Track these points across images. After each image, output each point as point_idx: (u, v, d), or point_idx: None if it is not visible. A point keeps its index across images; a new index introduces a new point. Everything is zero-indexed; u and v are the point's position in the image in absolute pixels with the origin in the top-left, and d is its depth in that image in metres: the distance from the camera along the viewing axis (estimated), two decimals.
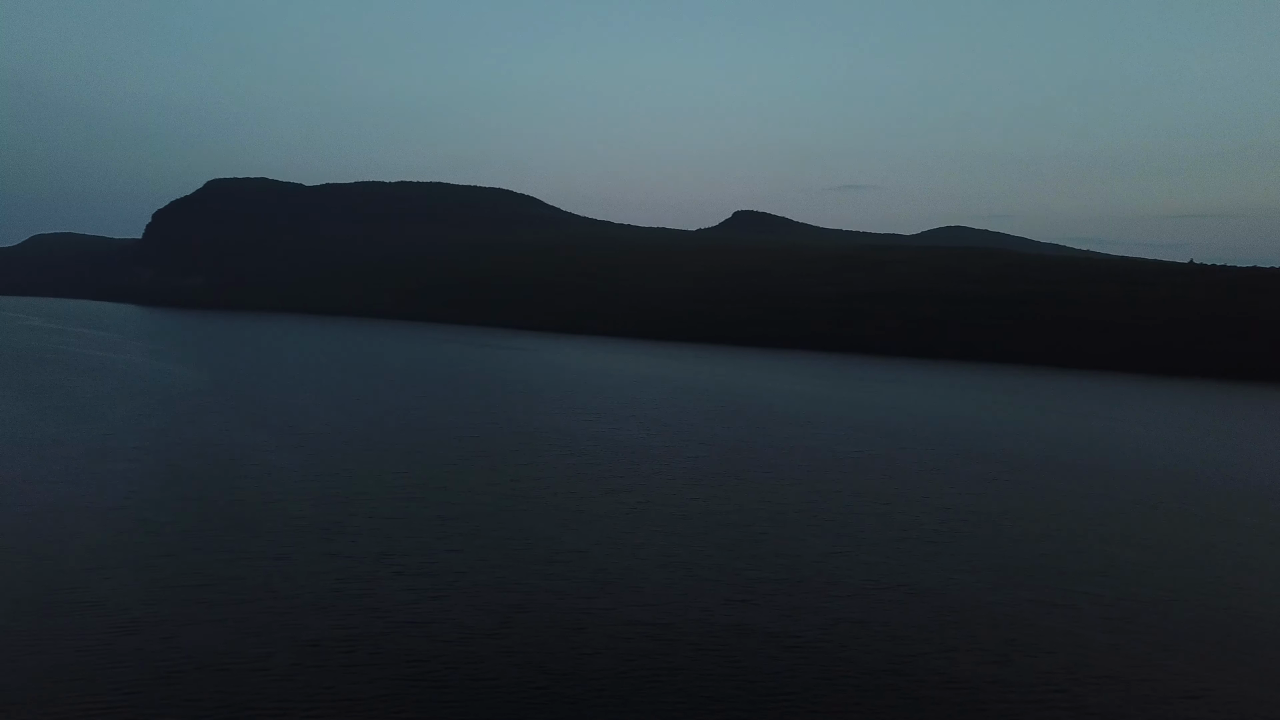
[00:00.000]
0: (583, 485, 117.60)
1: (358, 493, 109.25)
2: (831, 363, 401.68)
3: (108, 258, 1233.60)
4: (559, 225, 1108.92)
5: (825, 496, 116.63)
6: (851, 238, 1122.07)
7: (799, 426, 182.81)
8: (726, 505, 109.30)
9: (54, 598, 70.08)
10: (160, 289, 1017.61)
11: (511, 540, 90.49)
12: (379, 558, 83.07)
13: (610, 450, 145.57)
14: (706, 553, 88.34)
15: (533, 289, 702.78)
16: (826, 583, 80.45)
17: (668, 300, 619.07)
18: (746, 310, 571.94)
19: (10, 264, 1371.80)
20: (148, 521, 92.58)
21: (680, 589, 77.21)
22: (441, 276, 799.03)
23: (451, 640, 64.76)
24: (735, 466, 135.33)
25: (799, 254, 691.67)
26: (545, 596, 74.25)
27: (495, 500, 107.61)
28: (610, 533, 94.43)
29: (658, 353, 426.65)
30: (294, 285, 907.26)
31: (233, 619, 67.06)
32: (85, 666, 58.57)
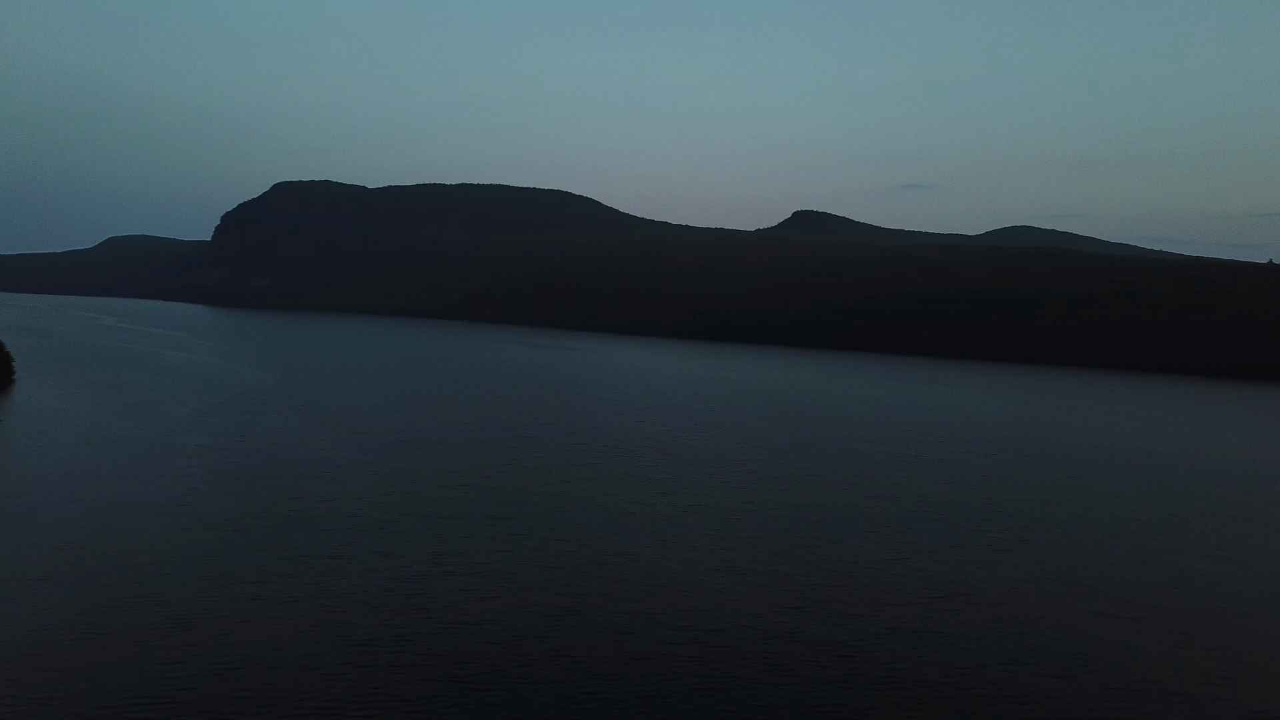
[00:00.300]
0: (634, 487, 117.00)
1: (412, 492, 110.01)
2: (891, 364, 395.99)
3: (178, 259, 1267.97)
4: (617, 226, 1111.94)
5: (882, 501, 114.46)
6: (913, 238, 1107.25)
7: (856, 429, 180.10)
8: (780, 509, 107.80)
9: (114, 592, 71.37)
10: (228, 289, 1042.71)
11: (562, 541, 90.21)
12: (431, 557, 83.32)
13: (663, 451, 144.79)
14: (759, 557, 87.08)
15: (591, 290, 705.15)
16: (881, 590, 78.69)
17: (725, 301, 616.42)
18: (805, 311, 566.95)
19: (87, 266, 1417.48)
20: (207, 518, 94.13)
21: (731, 594, 76.10)
22: (500, 278, 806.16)
23: (500, 642, 64.53)
24: (789, 469, 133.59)
25: (859, 254, 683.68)
26: (594, 599, 73.74)
27: (547, 501, 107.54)
28: (661, 535, 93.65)
29: (714, 353, 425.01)
30: (356, 286, 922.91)
31: (285, 617, 67.64)
32: (141, 661, 59.43)
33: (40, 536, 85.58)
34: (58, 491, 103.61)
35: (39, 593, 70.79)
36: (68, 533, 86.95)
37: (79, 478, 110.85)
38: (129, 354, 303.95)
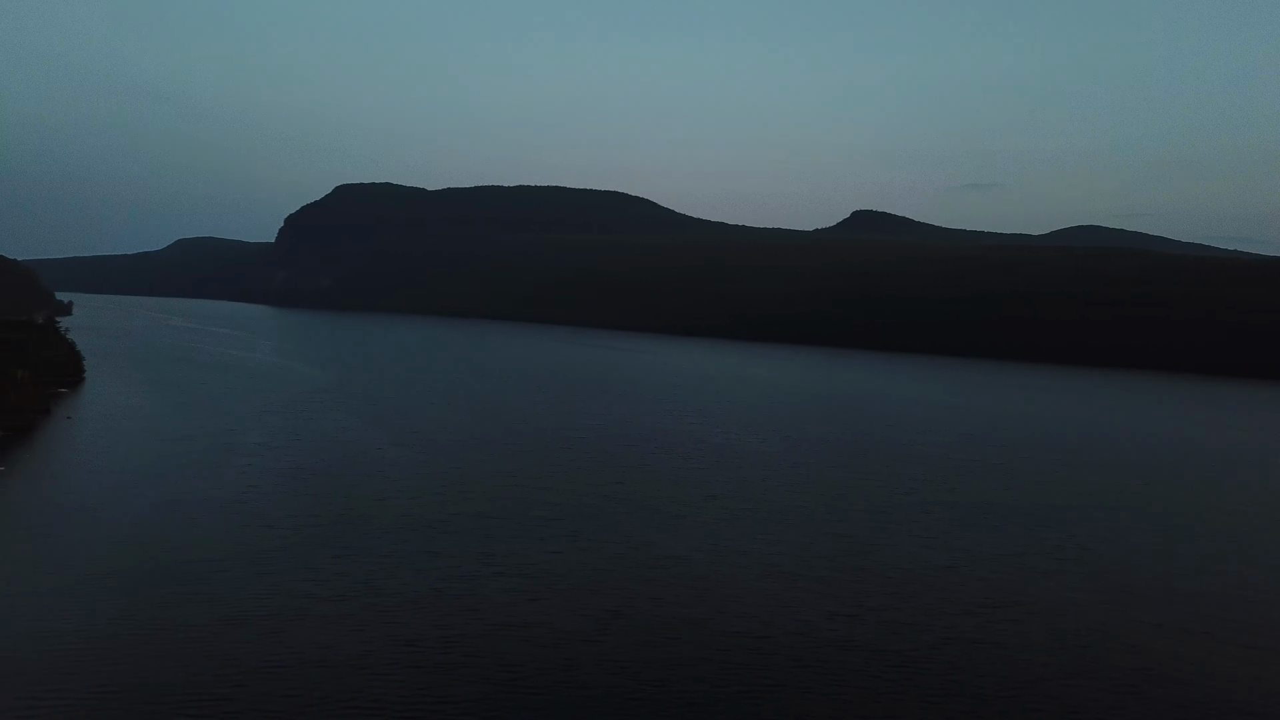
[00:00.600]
0: (686, 490, 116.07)
1: (464, 491, 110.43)
2: (951, 367, 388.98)
3: (243, 261, 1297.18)
4: (673, 227, 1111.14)
5: (939, 507, 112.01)
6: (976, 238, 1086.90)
7: (915, 433, 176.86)
8: (834, 513, 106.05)
9: (172, 588, 72.51)
10: (291, 290, 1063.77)
11: (611, 544, 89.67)
12: (480, 558, 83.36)
13: (715, 454, 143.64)
14: (811, 563, 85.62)
15: (647, 291, 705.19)
16: (938, 598, 76.76)
17: (782, 302, 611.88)
18: (862, 312, 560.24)
19: (157, 267, 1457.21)
20: (263, 515, 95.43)
21: (782, 600, 74.83)
22: (557, 279, 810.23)
23: (546, 644, 64.16)
24: (844, 473, 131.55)
25: (919, 254, 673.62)
26: (643, 603, 73.03)
27: (597, 502, 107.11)
28: (712, 539, 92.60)
29: (770, 355, 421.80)
30: (415, 287, 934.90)
31: (336, 615, 68.06)
32: (196, 656, 60.17)
33: (105, 531, 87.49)
34: (122, 488, 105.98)
35: (103, 586, 72.24)
36: (131, 528, 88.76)
37: (142, 474, 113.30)
38: (194, 353, 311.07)
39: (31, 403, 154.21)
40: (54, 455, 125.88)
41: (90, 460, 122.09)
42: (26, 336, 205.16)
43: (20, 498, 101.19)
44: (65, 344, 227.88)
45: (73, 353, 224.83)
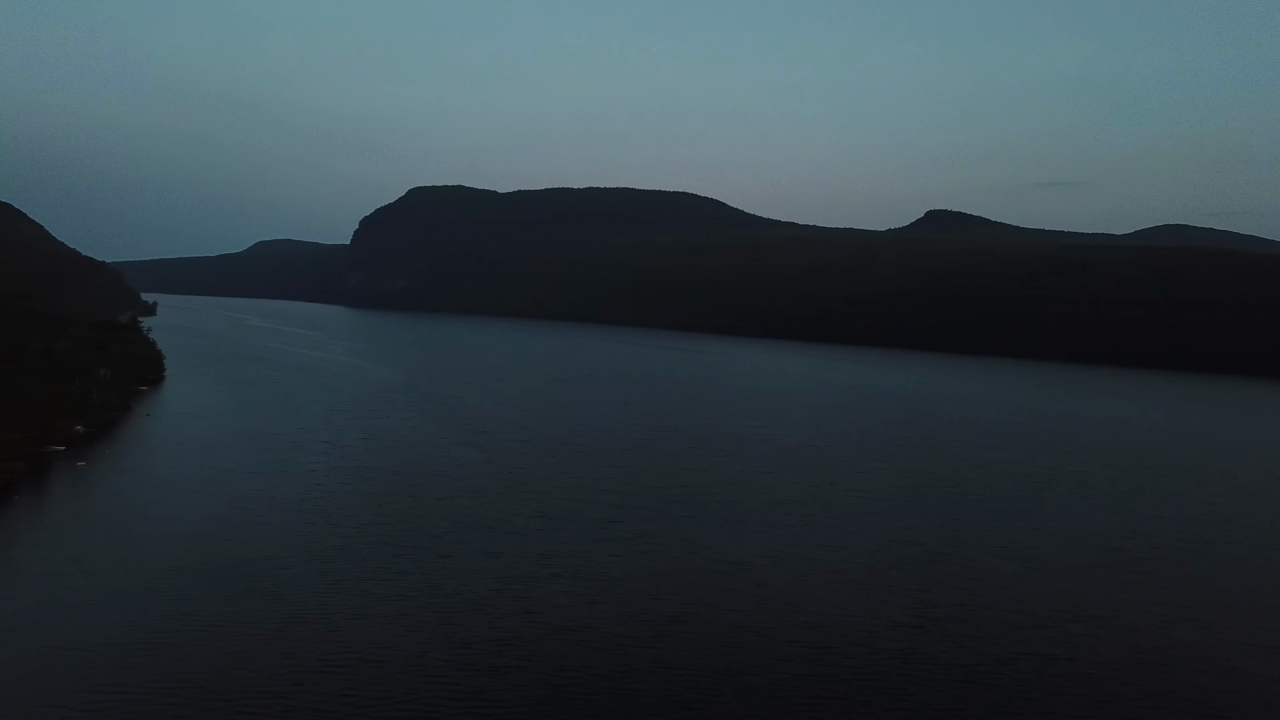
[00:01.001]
0: (750, 493, 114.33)
1: (526, 491, 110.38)
2: (1028, 369, 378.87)
3: (320, 262, 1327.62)
4: (743, 227, 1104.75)
5: (1012, 515, 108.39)
6: (1056, 238, 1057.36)
7: (989, 438, 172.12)
8: (903, 520, 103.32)
9: (236, 584, 73.53)
10: (366, 291, 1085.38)
11: (672, 547, 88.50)
12: (539, 559, 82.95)
13: (782, 457, 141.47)
14: (878, 571, 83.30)
15: (717, 292, 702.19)
16: (1009, 610, 73.91)
17: (853, 302, 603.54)
18: (937, 313, 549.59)
19: (237, 269, 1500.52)
20: (327, 514, 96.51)
21: (846, 609, 72.82)
22: (626, 280, 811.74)
23: (602, 649, 63.30)
24: (915, 479, 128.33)
25: (996, 255, 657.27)
26: (702, 609, 71.71)
27: (659, 505, 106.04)
28: (775, 545, 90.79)
29: (841, 356, 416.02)
30: (487, 288, 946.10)
31: (394, 614, 68.20)
32: (254, 654, 60.74)
33: (175, 527, 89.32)
34: (193, 484, 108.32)
35: (170, 582, 73.57)
36: (199, 524, 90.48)
37: (213, 471, 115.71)
38: (270, 353, 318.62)
39: (113, 400, 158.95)
40: (132, 452, 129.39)
41: (166, 457, 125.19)
42: (110, 336, 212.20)
43: (98, 493, 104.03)
44: (147, 343, 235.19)
45: (153, 352, 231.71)
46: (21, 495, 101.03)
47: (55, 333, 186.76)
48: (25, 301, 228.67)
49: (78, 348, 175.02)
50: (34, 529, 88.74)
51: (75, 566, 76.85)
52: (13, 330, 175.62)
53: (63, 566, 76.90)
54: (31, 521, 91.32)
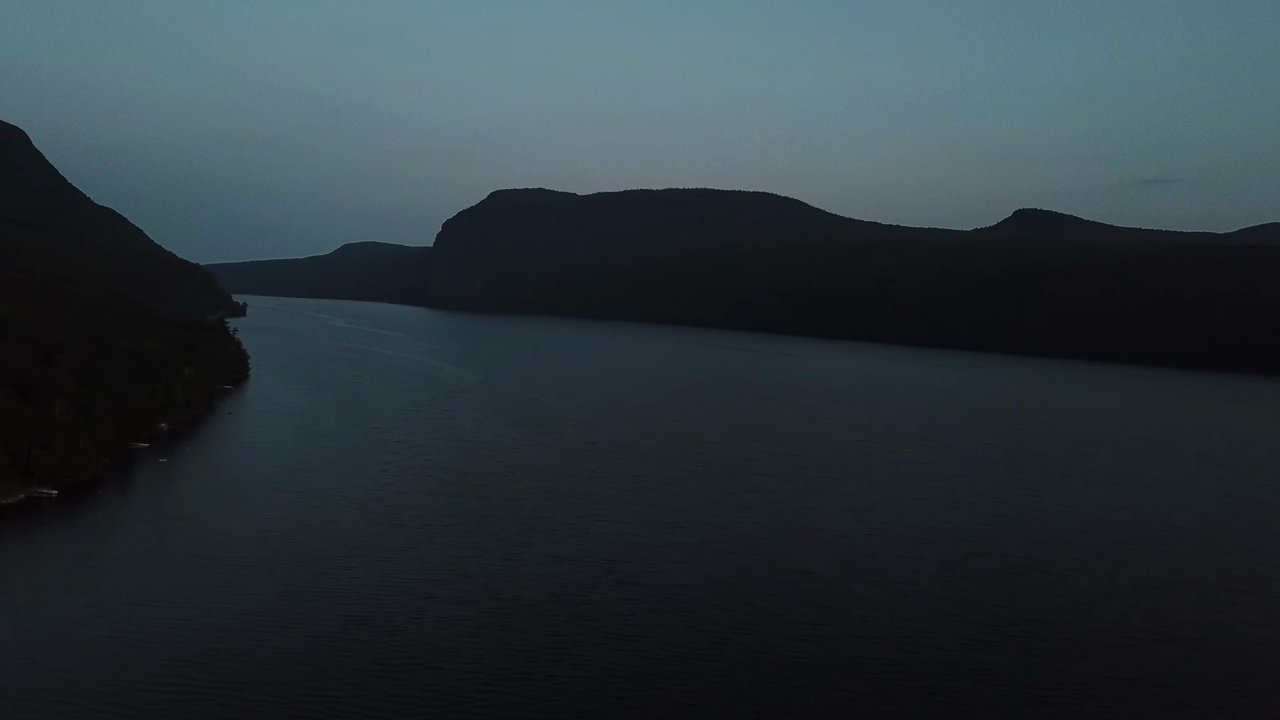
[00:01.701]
0: (821, 500, 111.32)
1: (593, 495, 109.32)
2: (1123, 374, 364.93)
3: (404, 264, 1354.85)
4: (825, 227, 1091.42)
5: (1102, 526, 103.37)
6: (1153, 237, 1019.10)
7: (1080, 444, 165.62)
8: (982, 530, 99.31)
9: (302, 583, 73.85)
10: (447, 293, 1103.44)
11: (738, 555, 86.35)
12: (602, 564, 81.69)
13: (856, 463, 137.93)
14: (952, 584, 79.90)
15: (796, 292, 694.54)
16: (1093, 629, 69.98)
17: (938, 304, 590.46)
18: (1025, 316, 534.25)
19: (325, 270, 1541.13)
20: (395, 513, 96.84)
21: (916, 624, 69.83)
22: (705, 280, 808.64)
23: (662, 658, 61.67)
24: (998, 487, 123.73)
25: (1088, 255, 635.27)
26: (766, 620, 69.50)
27: (727, 511, 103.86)
28: (845, 555, 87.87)
29: (925, 359, 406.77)
30: (564, 289, 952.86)
31: (453, 618, 67.59)
32: (315, 654, 60.65)
33: (248, 524, 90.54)
34: (268, 482, 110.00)
35: (237, 579, 74.34)
36: (270, 522, 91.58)
37: (288, 469, 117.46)
38: (351, 353, 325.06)
39: (197, 398, 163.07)
40: (212, 449, 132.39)
41: (244, 455, 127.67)
42: (198, 336, 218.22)
43: (177, 489, 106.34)
44: (233, 343, 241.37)
45: (239, 351, 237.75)
46: (105, 490, 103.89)
47: (146, 333, 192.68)
48: (120, 302, 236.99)
49: (166, 347, 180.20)
50: (113, 523, 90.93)
51: (149, 561, 78.33)
52: (107, 330, 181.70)
53: (138, 561, 78.45)
54: (112, 516, 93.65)
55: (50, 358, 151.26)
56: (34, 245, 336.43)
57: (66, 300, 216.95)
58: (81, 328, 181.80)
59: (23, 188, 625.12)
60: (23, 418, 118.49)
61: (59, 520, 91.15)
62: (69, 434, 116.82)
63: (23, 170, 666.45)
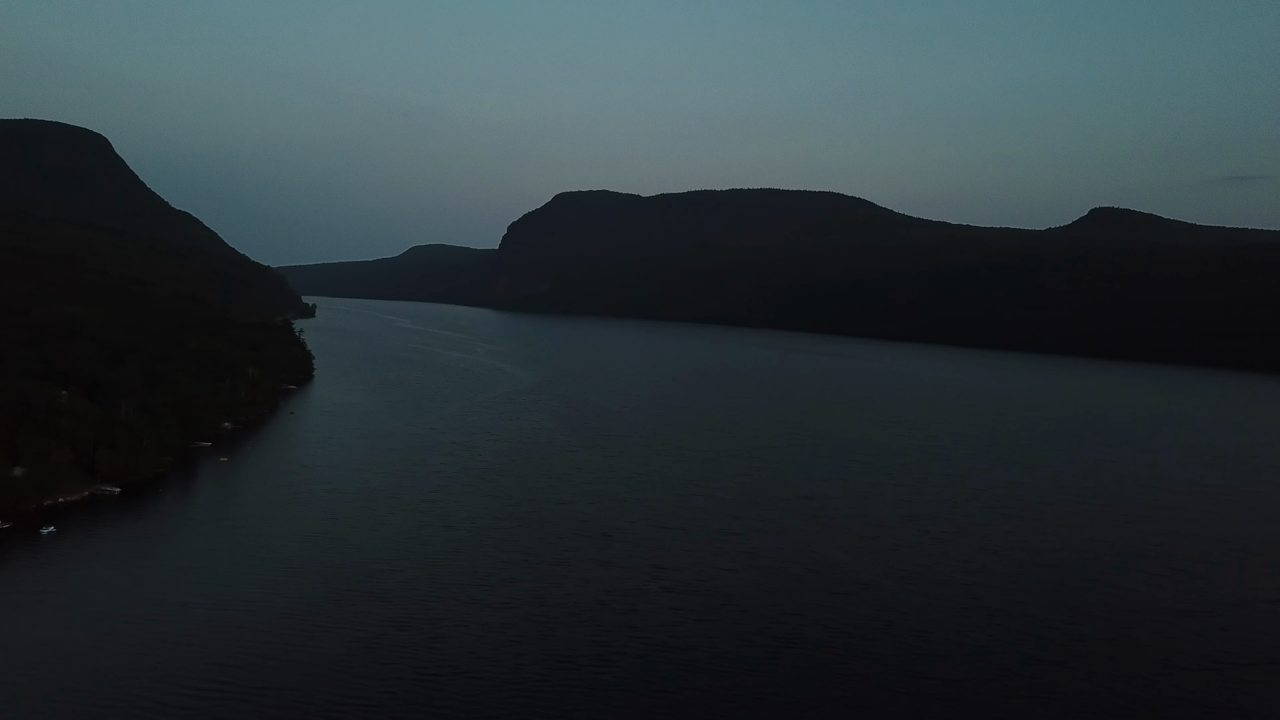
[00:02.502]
0: (881, 508, 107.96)
1: (645, 498, 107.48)
2: (1204, 379, 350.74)
3: (469, 266, 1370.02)
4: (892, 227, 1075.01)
5: (1178, 539, 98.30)
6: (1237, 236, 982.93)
7: (1153, 451, 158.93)
8: (1049, 541, 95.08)
9: (348, 586, 73.38)
10: (512, 294, 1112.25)
11: (791, 564, 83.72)
12: (650, 571, 79.81)
13: (920, 469, 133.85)
14: (1016, 597, 76.32)
15: (863, 293, 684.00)
16: (1168, 648, 65.99)
17: (1010, 306, 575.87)
18: (1103, 318, 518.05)
19: (393, 273, 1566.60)
20: (446, 516, 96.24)
21: (978, 639, 66.61)
22: (772, 281, 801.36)
23: (708, 670, 59.59)
24: (1066, 495, 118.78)
25: (1169, 255, 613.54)
26: (818, 633, 66.92)
27: (781, 517, 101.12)
28: (905, 565, 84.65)
29: (996, 362, 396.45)
30: (628, 291, 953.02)
31: (496, 624, 66.38)
32: (354, 659, 59.95)
33: (298, 526, 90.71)
34: (323, 482, 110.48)
35: (284, 581, 74.19)
36: (322, 524, 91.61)
37: (344, 470, 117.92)
38: (415, 354, 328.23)
39: (260, 398, 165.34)
40: (272, 449, 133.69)
41: (302, 455, 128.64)
42: (264, 336, 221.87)
43: (234, 490, 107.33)
44: (297, 344, 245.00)
45: (304, 352, 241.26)
46: (165, 489, 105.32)
47: (212, 333, 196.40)
48: (189, 304, 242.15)
49: (231, 348, 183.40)
50: (169, 523, 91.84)
51: (199, 561, 78.71)
52: (174, 330, 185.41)
53: (188, 560, 78.89)
54: (168, 515, 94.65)
55: (119, 358, 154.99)
56: (111, 248, 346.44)
57: (138, 301, 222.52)
58: (150, 328, 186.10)
59: (104, 193, 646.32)
60: (89, 417, 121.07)
61: (118, 518, 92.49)
62: (133, 433, 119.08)
63: (105, 176, 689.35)
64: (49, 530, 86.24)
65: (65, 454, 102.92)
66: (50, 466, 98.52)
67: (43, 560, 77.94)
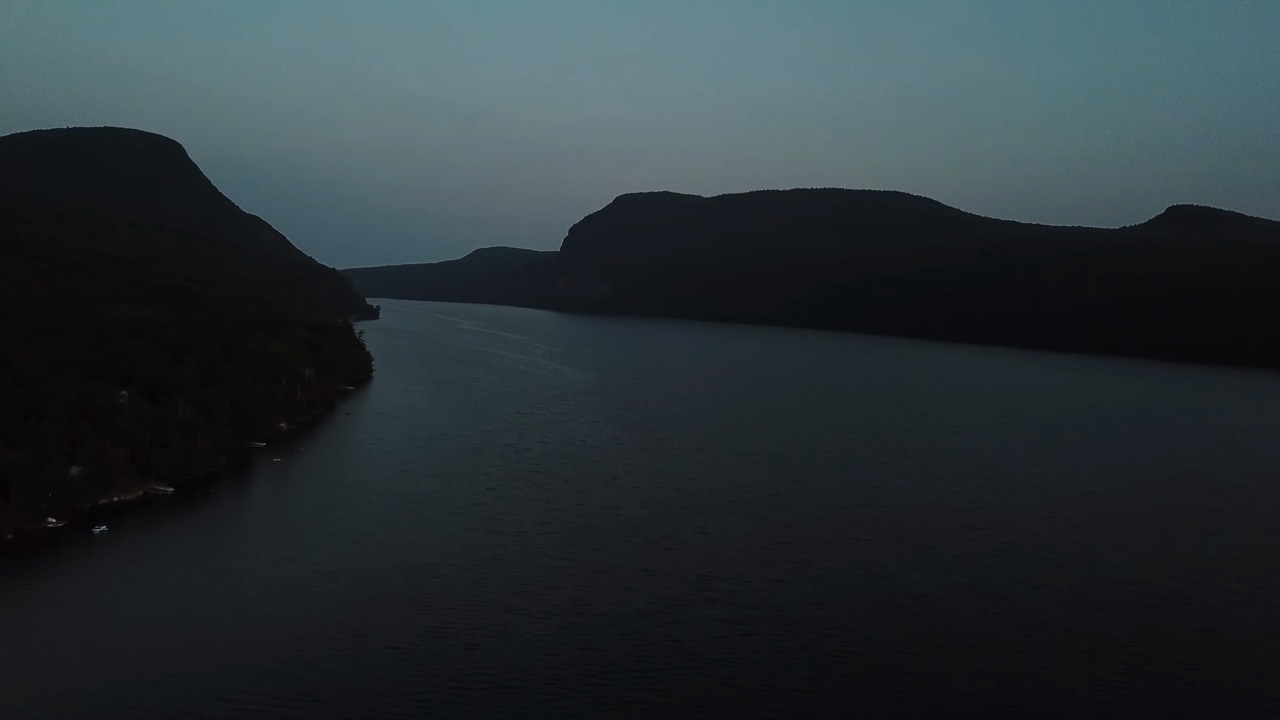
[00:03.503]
0: (940, 516, 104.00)
1: (695, 503, 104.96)
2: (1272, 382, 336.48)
3: (532, 268, 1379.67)
4: (959, 227, 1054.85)
5: (1260, 554, 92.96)
6: None
7: (1232, 461, 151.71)
8: (1118, 554, 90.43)
9: (383, 592, 72.20)
10: (573, 296, 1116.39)
11: (843, 574, 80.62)
12: (696, 580, 77.40)
13: (983, 476, 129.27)
14: (1081, 613, 72.29)
15: (929, 294, 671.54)
16: (1249, 673, 61.59)
17: (1083, 307, 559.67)
18: (1182, 319, 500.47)
19: (457, 275, 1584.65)
20: (491, 520, 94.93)
21: (1039, 657, 62.97)
22: (833, 282, 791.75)
23: (749, 688, 57.05)
24: (1139, 506, 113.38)
25: (1255, 253, 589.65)
26: (867, 648, 63.90)
27: (834, 526, 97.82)
28: (962, 577, 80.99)
29: (1066, 365, 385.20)
30: (689, 292, 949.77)
31: (535, 635, 64.59)
32: (389, 667, 58.65)
33: (344, 528, 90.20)
34: (374, 485, 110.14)
35: (325, 585, 73.45)
36: (368, 526, 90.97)
37: (395, 472, 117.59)
38: (474, 355, 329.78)
39: (317, 399, 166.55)
40: (326, 450, 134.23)
41: (355, 457, 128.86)
42: (323, 337, 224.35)
43: (285, 491, 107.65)
44: (356, 344, 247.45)
45: (362, 353, 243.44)
46: (218, 489, 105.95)
47: (273, 334, 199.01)
48: (251, 305, 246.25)
49: (290, 348, 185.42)
50: (217, 524, 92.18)
51: (244, 564, 78.44)
52: (235, 331, 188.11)
53: (233, 563, 78.65)
54: (217, 516, 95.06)
55: (179, 359, 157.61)
56: (181, 252, 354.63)
57: (202, 303, 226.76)
58: (212, 329, 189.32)
59: (178, 198, 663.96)
60: (145, 416, 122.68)
61: (168, 518, 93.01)
62: (188, 433, 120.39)
63: (178, 181, 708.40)
64: (101, 529, 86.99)
65: (121, 453, 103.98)
66: (106, 465, 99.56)
67: (92, 559, 78.48)
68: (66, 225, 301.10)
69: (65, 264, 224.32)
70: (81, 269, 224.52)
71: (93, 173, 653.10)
